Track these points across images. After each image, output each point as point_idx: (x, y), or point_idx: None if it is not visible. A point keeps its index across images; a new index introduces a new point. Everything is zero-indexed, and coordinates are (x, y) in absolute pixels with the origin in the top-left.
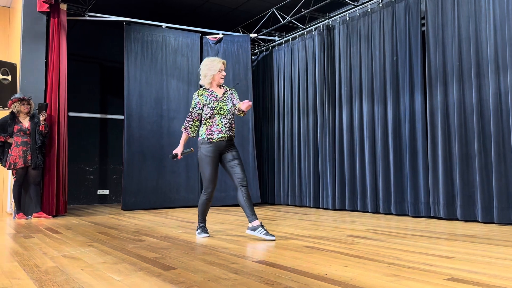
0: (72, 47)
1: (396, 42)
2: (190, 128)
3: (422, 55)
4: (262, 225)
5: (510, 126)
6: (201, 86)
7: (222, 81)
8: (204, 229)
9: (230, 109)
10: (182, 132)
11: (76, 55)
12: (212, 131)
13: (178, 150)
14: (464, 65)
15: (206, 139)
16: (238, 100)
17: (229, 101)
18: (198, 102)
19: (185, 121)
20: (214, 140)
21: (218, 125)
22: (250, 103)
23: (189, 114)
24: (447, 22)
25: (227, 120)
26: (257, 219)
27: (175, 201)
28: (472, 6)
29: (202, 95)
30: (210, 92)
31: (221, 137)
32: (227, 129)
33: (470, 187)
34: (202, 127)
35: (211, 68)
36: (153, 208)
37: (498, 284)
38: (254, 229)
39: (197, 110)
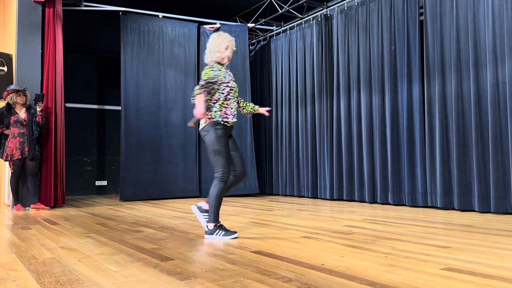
0: (68, 37)
1: (394, 31)
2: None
3: (420, 45)
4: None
5: (508, 116)
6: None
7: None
8: (225, 228)
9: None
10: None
11: (73, 46)
12: (227, 114)
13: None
14: (462, 55)
15: (221, 121)
16: None
17: None
18: (217, 75)
19: (202, 89)
20: (228, 124)
21: (232, 108)
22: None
23: (204, 85)
24: (445, 12)
25: (236, 104)
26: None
27: (173, 192)
28: None
29: (220, 70)
30: (226, 69)
31: (234, 122)
32: (236, 114)
33: (467, 177)
34: (215, 107)
35: (230, 43)
36: (151, 199)
37: (494, 273)
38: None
39: (214, 84)
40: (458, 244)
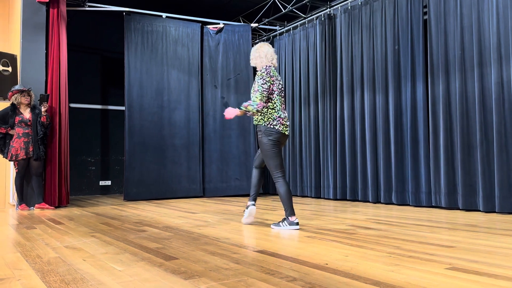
0: (72, 37)
1: (398, 31)
2: None
3: (424, 44)
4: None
5: None
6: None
7: None
8: (289, 221)
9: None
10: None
11: (77, 46)
12: None
13: None
14: (466, 54)
15: None
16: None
17: None
18: None
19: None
20: None
21: None
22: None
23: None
24: (450, 11)
25: None
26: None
27: (177, 191)
28: None
29: None
30: None
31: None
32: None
33: (471, 177)
34: None
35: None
36: (155, 199)
37: (499, 273)
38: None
39: None
40: (462, 244)
